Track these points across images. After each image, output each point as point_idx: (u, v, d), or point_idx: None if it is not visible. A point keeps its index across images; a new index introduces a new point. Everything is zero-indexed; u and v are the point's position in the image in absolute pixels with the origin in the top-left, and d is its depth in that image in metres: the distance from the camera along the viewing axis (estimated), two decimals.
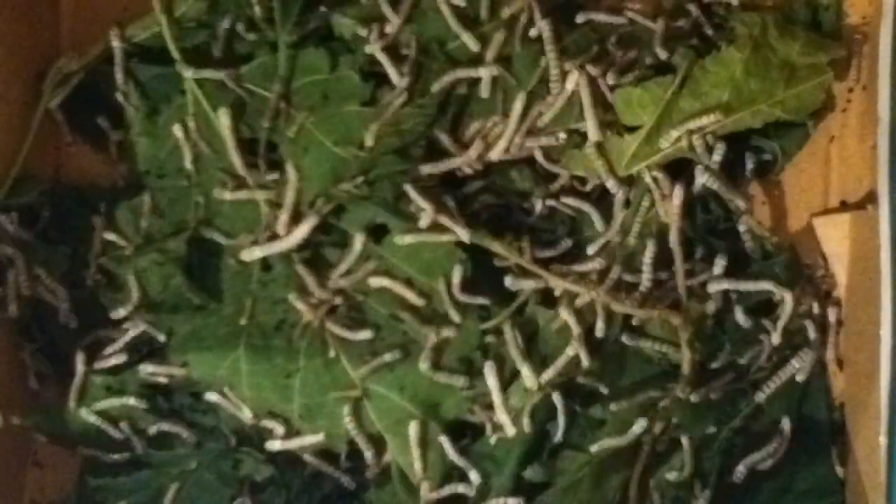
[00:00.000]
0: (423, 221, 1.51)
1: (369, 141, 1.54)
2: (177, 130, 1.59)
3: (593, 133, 1.54)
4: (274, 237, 1.56)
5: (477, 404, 1.55)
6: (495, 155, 1.57)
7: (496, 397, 1.52)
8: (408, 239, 1.53)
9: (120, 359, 1.59)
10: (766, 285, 1.55)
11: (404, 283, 1.55)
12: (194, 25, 1.61)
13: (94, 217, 1.64)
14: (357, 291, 1.57)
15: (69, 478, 1.66)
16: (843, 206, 1.59)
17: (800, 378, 1.56)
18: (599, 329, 1.52)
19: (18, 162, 1.62)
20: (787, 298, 1.54)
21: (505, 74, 1.56)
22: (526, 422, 1.52)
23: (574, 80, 1.53)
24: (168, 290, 1.59)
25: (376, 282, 1.55)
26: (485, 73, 1.55)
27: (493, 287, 1.57)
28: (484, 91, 1.57)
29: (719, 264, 1.55)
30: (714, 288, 1.55)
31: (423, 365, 1.53)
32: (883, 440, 1.40)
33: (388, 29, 1.57)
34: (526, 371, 1.51)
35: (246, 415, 1.57)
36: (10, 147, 1.62)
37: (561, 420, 1.54)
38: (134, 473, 1.61)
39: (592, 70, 1.54)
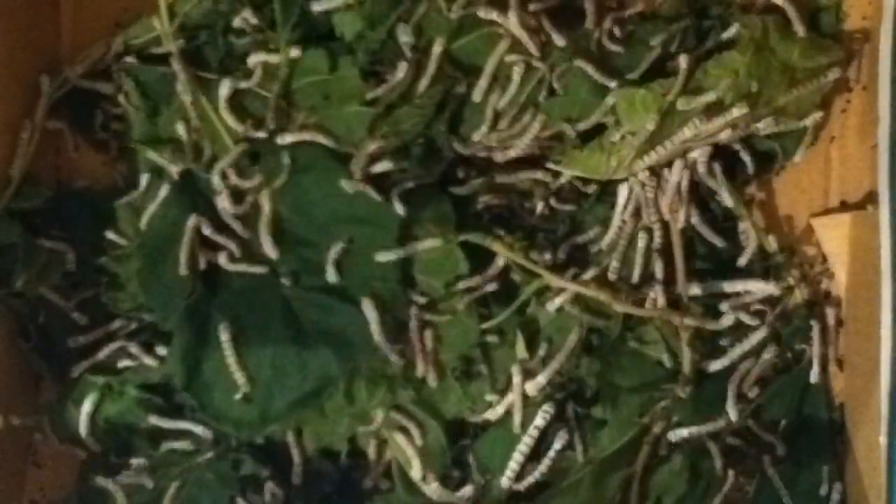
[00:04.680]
0: None
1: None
2: (179, 130, 1.60)
3: None
4: None
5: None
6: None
7: None
8: None
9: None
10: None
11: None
12: (195, 27, 1.61)
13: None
14: None
15: (69, 478, 1.66)
16: (843, 206, 1.60)
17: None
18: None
19: (22, 165, 1.62)
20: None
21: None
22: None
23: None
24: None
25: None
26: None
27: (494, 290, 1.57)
28: (477, 95, 1.57)
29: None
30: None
31: (432, 383, 1.54)
32: (883, 440, 1.40)
33: None
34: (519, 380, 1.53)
35: None
36: (9, 148, 1.62)
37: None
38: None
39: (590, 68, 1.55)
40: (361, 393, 1.54)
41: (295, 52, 1.56)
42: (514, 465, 1.53)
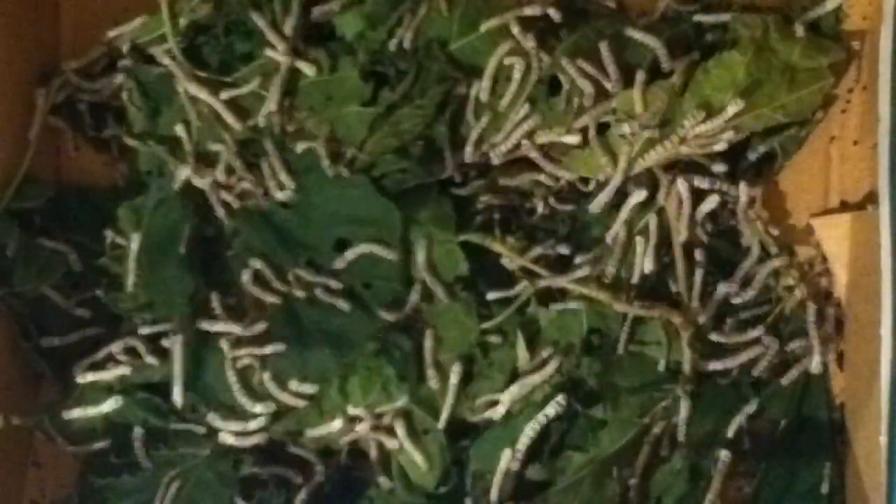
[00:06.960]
0: None
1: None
2: (179, 130, 1.60)
3: None
4: None
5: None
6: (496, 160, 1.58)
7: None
8: None
9: (125, 370, 1.59)
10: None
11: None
12: (196, 27, 1.61)
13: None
14: None
15: (69, 478, 1.66)
16: (843, 206, 1.60)
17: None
18: None
19: (23, 165, 1.62)
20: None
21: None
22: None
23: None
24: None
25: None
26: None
27: (493, 287, 1.57)
28: (483, 94, 1.57)
29: None
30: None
31: (433, 383, 1.54)
32: (883, 440, 1.39)
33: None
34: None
35: None
36: (10, 148, 1.62)
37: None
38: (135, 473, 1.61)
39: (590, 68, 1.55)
40: (356, 390, 1.54)
41: (302, 66, 1.57)
42: (520, 446, 1.52)
